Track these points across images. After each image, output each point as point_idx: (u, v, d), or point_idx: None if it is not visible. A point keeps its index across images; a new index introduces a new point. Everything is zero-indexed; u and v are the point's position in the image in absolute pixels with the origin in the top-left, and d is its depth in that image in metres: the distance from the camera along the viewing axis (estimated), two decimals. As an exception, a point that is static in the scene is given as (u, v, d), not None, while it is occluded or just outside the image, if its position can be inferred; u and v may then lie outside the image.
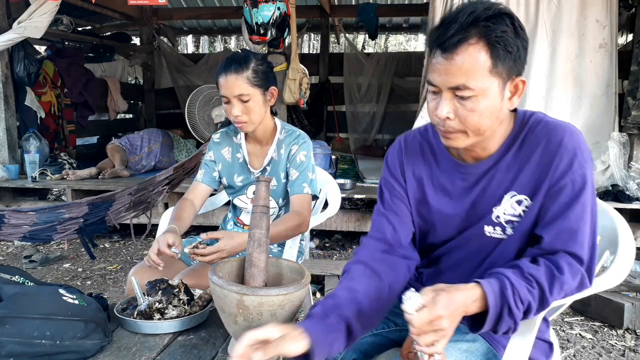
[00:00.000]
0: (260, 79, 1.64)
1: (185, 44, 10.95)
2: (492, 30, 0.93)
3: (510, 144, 1.06)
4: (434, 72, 0.98)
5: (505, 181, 1.07)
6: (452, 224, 1.15)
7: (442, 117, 0.99)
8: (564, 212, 1.00)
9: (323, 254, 3.90)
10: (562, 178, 1.00)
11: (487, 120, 0.99)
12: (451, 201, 1.14)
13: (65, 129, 5.58)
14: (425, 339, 0.89)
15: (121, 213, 2.51)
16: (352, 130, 7.47)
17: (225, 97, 1.65)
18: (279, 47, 4.10)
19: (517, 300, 0.93)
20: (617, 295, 2.71)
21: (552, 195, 1.01)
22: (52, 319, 1.15)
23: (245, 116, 1.65)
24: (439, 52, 0.96)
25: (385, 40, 11.90)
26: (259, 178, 1.24)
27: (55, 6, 3.77)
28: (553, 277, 0.96)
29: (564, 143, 1.00)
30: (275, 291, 1.08)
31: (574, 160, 0.99)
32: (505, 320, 0.94)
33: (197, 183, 1.84)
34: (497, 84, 0.96)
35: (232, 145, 1.85)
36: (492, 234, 1.09)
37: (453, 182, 1.14)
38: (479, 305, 0.93)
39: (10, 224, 2.30)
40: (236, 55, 1.66)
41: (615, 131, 3.55)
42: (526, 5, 3.65)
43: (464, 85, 0.95)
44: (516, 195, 1.05)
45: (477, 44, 0.94)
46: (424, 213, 1.19)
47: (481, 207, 1.10)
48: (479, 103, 0.96)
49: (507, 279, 0.94)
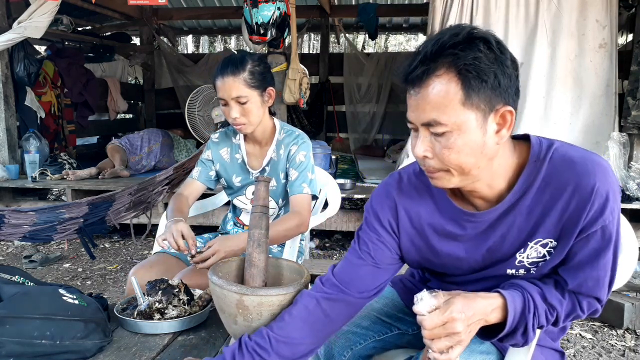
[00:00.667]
0: (258, 80, 1.64)
1: (185, 44, 10.95)
2: (460, 58, 0.84)
3: (529, 184, 0.94)
4: (409, 109, 0.91)
5: (527, 227, 0.96)
6: (466, 266, 1.06)
7: (419, 155, 0.92)
8: (593, 260, 0.94)
9: (323, 254, 3.90)
10: (593, 224, 0.92)
11: (469, 158, 0.88)
12: (462, 245, 1.04)
13: (65, 129, 5.58)
14: (438, 344, 0.85)
15: (121, 213, 2.50)
16: (352, 130, 7.47)
17: (223, 99, 1.64)
18: (279, 47, 4.10)
19: (535, 322, 0.93)
20: (617, 295, 2.71)
21: (582, 240, 0.94)
22: (52, 319, 1.15)
23: (243, 118, 1.65)
24: (409, 87, 0.89)
25: (385, 40, 11.90)
26: (258, 178, 1.24)
27: (55, 6, 3.77)
28: (572, 312, 0.97)
29: (596, 189, 0.90)
30: (275, 291, 1.08)
31: (606, 206, 0.91)
32: (517, 337, 0.94)
33: (193, 180, 1.84)
34: (474, 117, 0.86)
35: (231, 145, 1.85)
36: (515, 274, 1.02)
37: (462, 228, 1.02)
38: (499, 316, 0.91)
39: (10, 224, 2.30)
40: (233, 57, 1.65)
41: (615, 131, 3.55)
42: (526, 5, 3.65)
43: (435, 120, 0.86)
44: (541, 241, 0.97)
45: (445, 75, 0.85)
46: (430, 258, 1.09)
47: (500, 253, 1.01)
48: (455, 139, 0.87)
49: (532, 301, 0.93)
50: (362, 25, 6.49)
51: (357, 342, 1.26)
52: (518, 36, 3.69)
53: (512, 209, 0.96)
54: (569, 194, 0.92)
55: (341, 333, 1.26)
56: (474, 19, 3.67)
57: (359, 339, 1.27)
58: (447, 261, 1.07)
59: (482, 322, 0.90)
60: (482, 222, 1.00)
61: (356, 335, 1.27)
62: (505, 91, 0.86)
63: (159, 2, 3.82)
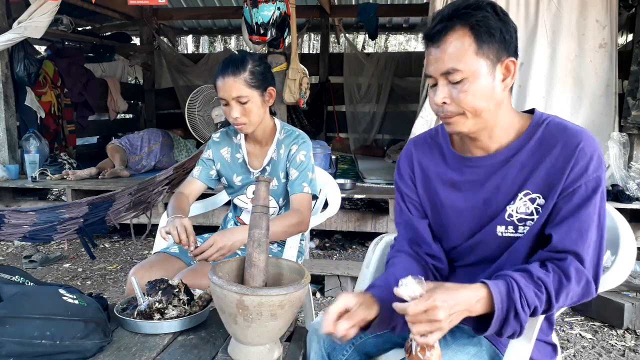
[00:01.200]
0: (258, 80, 1.64)
1: (185, 44, 10.95)
2: (472, 16, 1.00)
3: (525, 142, 1.09)
4: (429, 64, 1.06)
5: (519, 179, 1.08)
6: (465, 222, 1.16)
7: (439, 102, 1.05)
8: (576, 212, 1.02)
9: (323, 254, 3.90)
10: (577, 180, 1.02)
11: (482, 101, 1.03)
12: (461, 194, 1.16)
13: (65, 129, 5.58)
14: (419, 327, 0.90)
15: (121, 213, 2.50)
16: (352, 130, 7.47)
17: (224, 99, 1.65)
18: (279, 47, 4.10)
19: (524, 303, 0.95)
20: (617, 295, 2.71)
21: (566, 197, 1.03)
22: (52, 319, 1.15)
23: (244, 118, 1.66)
24: (430, 45, 1.05)
25: (385, 40, 11.90)
26: (259, 178, 1.24)
27: (55, 6, 3.77)
28: (561, 284, 0.98)
29: (582, 147, 1.03)
30: (275, 291, 1.08)
31: (590, 164, 1.02)
32: (511, 323, 0.95)
33: (193, 179, 1.84)
34: (485, 64, 1.01)
35: (232, 145, 1.86)
36: (505, 233, 1.11)
37: (461, 174, 1.16)
38: (484, 305, 0.95)
39: (10, 224, 2.30)
40: (233, 57, 1.66)
41: (615, 131, 3.55)
42: (526, 5, 3.65)
43: (453, 68, 1.01)
44: (530, 194, 1.07)
45: (460, 30, 1.01)
46: (436, 215, 1.21)
47: (494, 205, 1.11)
48: (470, 84, 1.01)
49: (514, 281, 0.96)
50: (362, 25, 6.49)
51: (358, 337, 1.27)
52: (518, 36, 3.68)
53: (506, 162, 1.10)
54: (557, 150, 1.05)
55: None
56: (474, 19, 3.66)
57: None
58: (450, 216, 1.18)
59: (466, 312, 0.93)
60: (479, 167, 1.13)
61: None
62: (509, 45, 1.04)
63: (159, 2, 3.82)
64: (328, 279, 3.05)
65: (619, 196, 3.33)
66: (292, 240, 1.84)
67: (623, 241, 1.22)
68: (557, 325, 2.66)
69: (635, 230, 3.33)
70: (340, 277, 3.04)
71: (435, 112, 1.09)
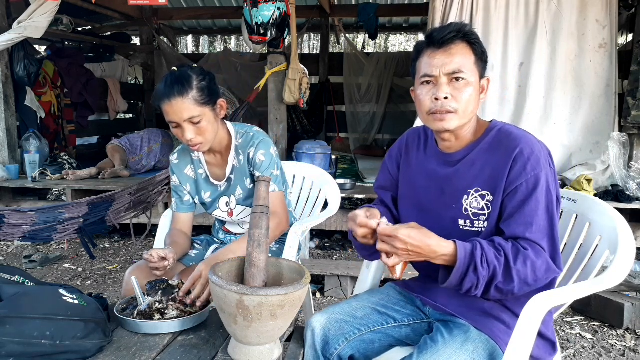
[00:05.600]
0: (207, 96, 1.56)
1: (185, 44, 10.96)
2: (472, 36, 1.22)
3: (477, 144, 1.27)
4: (431, 65, 1.20)
5: (469, 177, 1.25)
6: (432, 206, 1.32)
7: (442, 97, 1.19)
8: (520, 208, 1.16)
9: (323, 254, 3.90)
10: (517, 179, 1.17)
11: (471, 105, 1.21)
12: (430, 183, 1.34)
13: (65, 129, 5.58)
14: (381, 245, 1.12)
15: (121, 213, 2.51)
16: (352, 130, 7.46)
17: (174, 122, 1.55)
18: (279, 47, 4.10)
19: (483, 261, 1.09)
20: (617, 295, 2.71)
21: (510, 195, 1.18)
22: (52, 319, 1.15)
23: (199, 137, 1.58)
24: (434, 49, 1.21)
25: (385, 40, 11.91)
26: (259, 178, 1.24)
27: (55, 6, 3.77)
28: (518, 251, 1.12)
29: (520, 150, 1.18)
30: (275, 291, 1.08)
31: (527, 164, 1.16)
32: (470, 276, 1.09)
33: (175, 213, 1.83)
34: (477, 77, 1.22)
35: (192, 162, 1.82)
36: (464, 226, 1.25)
37: (435, 166, 1.34)
38: (449, 260, 1.12)
39: (10, 224, 2.30)
40: (175, 76, 1.55)
41: (615, 131, 3.55)
42: (526, 5, 3.65)
43: (459, 69, 1.18)
44: (480, 190, 1.23)
45: (464, 43, 1.21)
46: (411, 195, 1.39)
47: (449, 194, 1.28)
48: (468, 88, 1.20)
49: (479, 244, 1.12)
50: (362, 25, 6.49)
51: (352, 332, 1.31)
52: (518, 36, 3.69)
53: (461, 160, 1.28)
54: (500, 153, 1.21)
55: (334, 320, 1.32)
56: (474, 19, 3.67)
57: (352, 329, 1.32)
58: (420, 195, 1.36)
59: (423, 257, 1.11)
60: (445, 162, 1.31)
61: (349, 325, 1.32)
62: (486, 67, 1.25)
63: (159, 2, 3.82)
64: (328, 279, 3.05)
65: (619, 196, 3.33)
66: (292, 240, 1.84)
67: (622, 241, 1.22)
68: (557, 325, 2.66)
69: (635, 230, 3.33)
70: (340, 277, 3.04)
71: (429, 109, 1.22)
